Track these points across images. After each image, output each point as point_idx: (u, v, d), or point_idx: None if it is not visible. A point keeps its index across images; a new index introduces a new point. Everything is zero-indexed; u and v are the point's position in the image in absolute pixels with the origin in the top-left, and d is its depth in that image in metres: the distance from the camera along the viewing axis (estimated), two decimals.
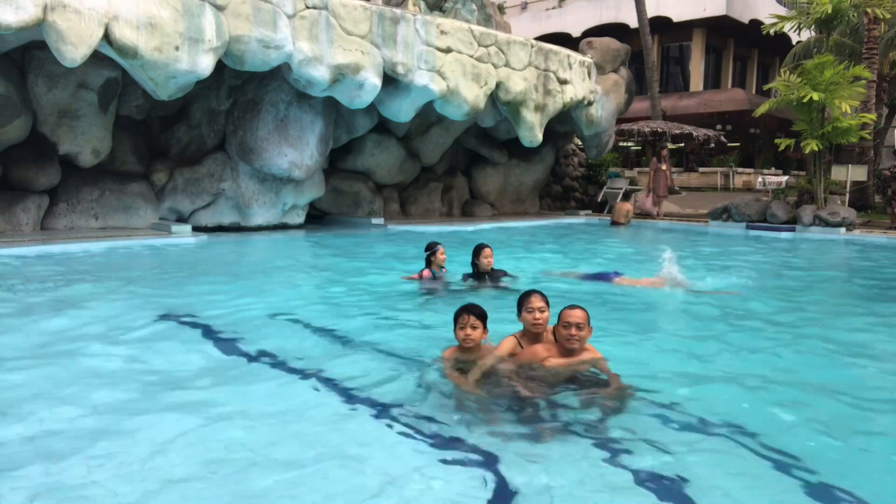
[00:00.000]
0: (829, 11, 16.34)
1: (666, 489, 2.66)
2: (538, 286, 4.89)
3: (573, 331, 3.68)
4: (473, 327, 3.84)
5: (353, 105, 11.75)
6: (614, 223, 16.17)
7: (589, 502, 2.58)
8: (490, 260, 6.68)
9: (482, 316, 3.89)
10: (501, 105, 14.00)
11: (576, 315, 3.71)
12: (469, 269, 6.89)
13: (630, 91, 17.37)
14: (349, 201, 14.52)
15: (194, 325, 5.20)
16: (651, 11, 26.36)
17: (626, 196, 18.69)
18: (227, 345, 4.67)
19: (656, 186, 18.03)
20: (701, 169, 28.98)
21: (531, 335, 3.95)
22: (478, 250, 6.72)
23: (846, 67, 14.29)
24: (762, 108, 15.40)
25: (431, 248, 6.95)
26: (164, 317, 5.43)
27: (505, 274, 6.94)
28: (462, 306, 3.95)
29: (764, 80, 33.78)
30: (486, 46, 13.30)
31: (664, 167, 18.20)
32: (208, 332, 5.00)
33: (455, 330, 3.91)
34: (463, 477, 2.74)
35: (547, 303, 3.99)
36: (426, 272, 6.93)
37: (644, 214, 17.52)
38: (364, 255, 9.75)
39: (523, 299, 4.01)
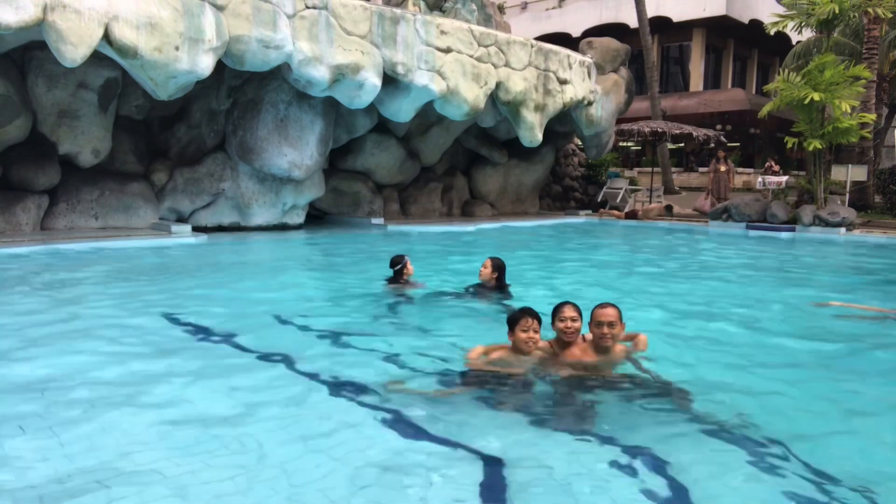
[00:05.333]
0: (837, 11, 16.21)
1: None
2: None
3: (605, 329, 3.84)
4: (535, 330, 3.89)
5: (352, 105, 11.75)
6: (630, 216, 16.62)
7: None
8: (484, 271, 6.24)
9: (540, 320, 3.95)
10: (501, 105, 13.99)
11: (607, 314, 3.86)
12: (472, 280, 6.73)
13: (630, 91, 17.37)
14: (349, 201, 14.52)
15: (192, 325, 5.20)
16: (651, 11, 26.35)
17: (622, 197, 18.86)
18: (224, 344, 4.67)
19: (716, 188, 18.25)
20: (701, 169, 28.97)
21: (563, 343, 4.03)
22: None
23: (846, 67, 14.28)
24: (766, 109, 15.40)
25: (400, 262, 6.65)
26: (162, 316, 5.43)
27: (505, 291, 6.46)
28: (520, 309, 4.00)
29: (764, 80, 33.76)
30: (486, 46, 13.29)
31: (723, 168, 18.38)
32: (205, 332, 5.00)
33: (515, 332, 3.92)
34: (466, 474, 2.74)
35: (579, 313, 4.02)
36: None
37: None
38: (363, 256, 9.74)
39: (556, 310, 4.05)
